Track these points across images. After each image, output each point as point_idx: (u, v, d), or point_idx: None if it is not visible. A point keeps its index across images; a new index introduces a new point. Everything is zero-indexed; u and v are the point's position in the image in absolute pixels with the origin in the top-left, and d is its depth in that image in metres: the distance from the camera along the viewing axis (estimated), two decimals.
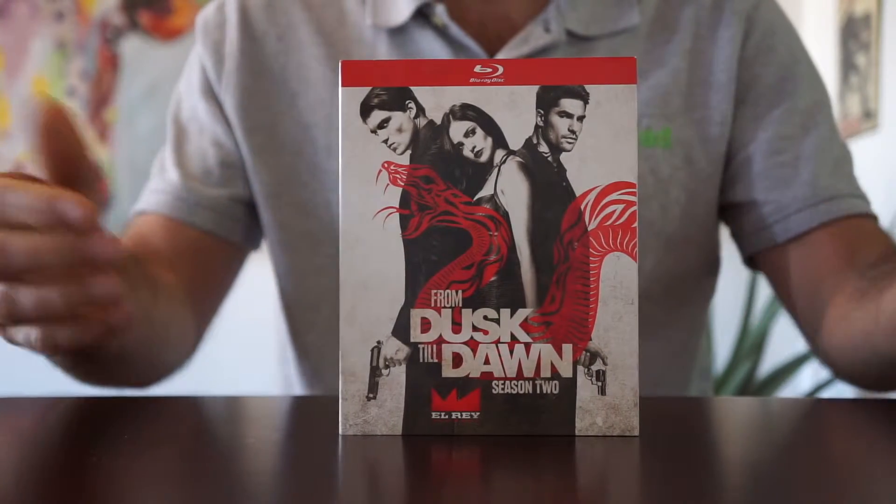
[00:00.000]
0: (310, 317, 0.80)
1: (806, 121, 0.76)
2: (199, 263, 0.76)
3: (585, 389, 0.44)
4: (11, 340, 0.49)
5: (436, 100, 0.45)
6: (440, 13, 0.74)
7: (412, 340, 0.44)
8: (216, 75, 0.78)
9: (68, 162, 0.45)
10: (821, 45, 2.31)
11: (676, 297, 0.79)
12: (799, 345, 1.59)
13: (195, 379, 0.89)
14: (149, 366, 0.70)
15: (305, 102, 0.76)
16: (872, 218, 0.75)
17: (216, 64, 0.78)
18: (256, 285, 0.83)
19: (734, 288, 0.84)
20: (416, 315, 0.44)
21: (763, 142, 0.75)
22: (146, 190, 0.80)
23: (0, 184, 0.44)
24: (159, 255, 0.73)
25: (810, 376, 2.22)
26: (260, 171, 0.77)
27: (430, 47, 0.75)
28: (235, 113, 0.77)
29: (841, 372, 0.72)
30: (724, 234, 0.81)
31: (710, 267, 0.82)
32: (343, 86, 0.45)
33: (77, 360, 0.59)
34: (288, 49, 0.77)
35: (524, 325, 0.44)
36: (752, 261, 0.79)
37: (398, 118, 0.45)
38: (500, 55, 0.74)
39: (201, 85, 0.79)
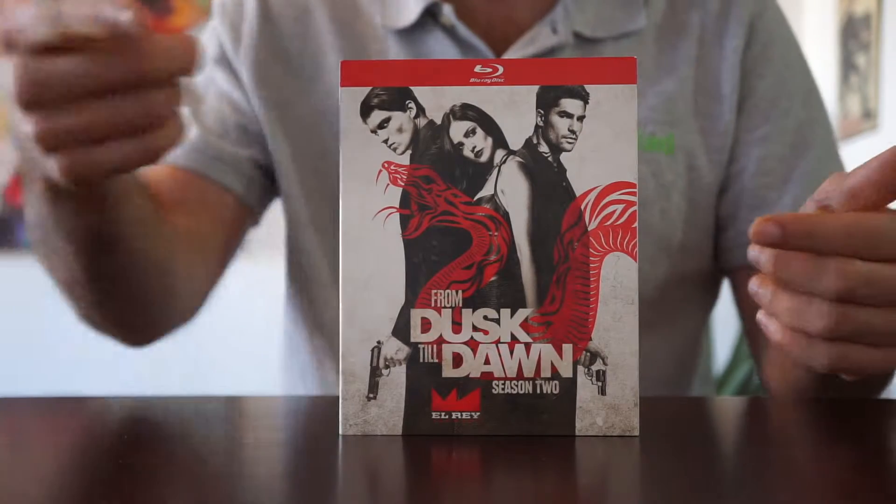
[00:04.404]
0: (325, 294, 0.80)
1: (798, 140, 0.76)
2: (212, 215, 0.74)
3: (585, 389, 0.44)
4: (31, 178, 0.46)
5: (436, 100, 0.45)
6: (448, 13, 0.74)
7: (412, 340, 0.44)
8: (233, 49, 0.78)
9: None
10: (821, 45, 2.31)
11: (677, 303, 0.79)
12: None
13: (196, 379, 0.89)
14: (156, 300, 0.68)
15: (320, 88, 0.77)
16: None
17: (233, 40, 0.78)
18: (255, 285, 0.83)
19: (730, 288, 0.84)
20: (417, 315, 0.44)
21: (754, 159, 0.76)
22: None
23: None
24: (171, 201, 0.71)
25: None
26: (278, 146, 0.77)
27: (439, 47, 0.75)
28: (252, 83, 0.77)
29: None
30: None
31: (712, 274, 0.81)
32: (343, 86, 0.45)
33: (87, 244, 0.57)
34: (304, 33, 0.78)
35: (524, 325, 0.44)
36: (726, 271, 0.80)
37: (398, 118, 0.45)
38: (507, 56, 0.74)
39: (218, 57, 0.79)
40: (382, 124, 0.45)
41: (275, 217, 0.83)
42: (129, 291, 0.64)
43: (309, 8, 0.78)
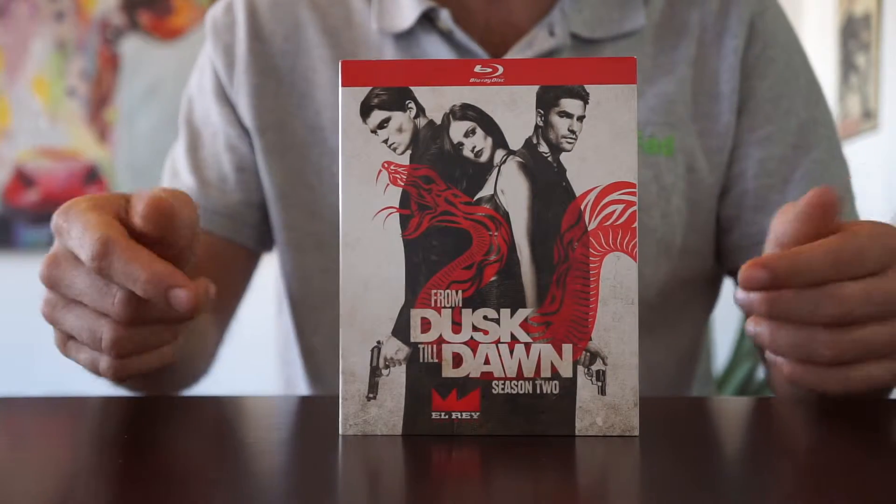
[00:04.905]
0: (315, 318, 0.80)
1: (800, 141, 0.75)
2: (217, 270, 0.76)
3: (585, 389, 0.44)
4: (69, 357, 0.51)
5: (436, 100, 0.45)
6: (445, 18, 0.74)
7: (412, 340, 0.44)
8: (228, 78, 0.78)
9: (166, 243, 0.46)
10: (821, 45, 2.31)
11: (679, 305, 0.78)
12: None
13: None
14: (188, 375, 0.72)
15: (313, 104, 0.76)
16: None
17: (227, 67, 0.78)
18: (256, 286, 0.84)
19: (734, 289, 0.84)
20: (416, 315, 0.44)
21: (756, 160, 0.75)
22: None
23: (111, 239, 0.44)
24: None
25: None
26: (270, 171, 0.77)
27: (436, 52, 0.74)
28: (247, 113, 0.77)
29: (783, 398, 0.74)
30: None
31: (712, 276, 0.81)
32: (343, 86, 0.45)
33: (133, 380, 0.60)
34: (296, 50, 0.77)
35: (524, 325, 0.44)
36: (731, 272, 0.80)
37: (398, 118, 0.45)
38: None
39: (214, 88, 0.79)
40: (382, 124, 0.45)
41: None
42: (171, 383, 0.70)
43: (300, 23, 0.78)
